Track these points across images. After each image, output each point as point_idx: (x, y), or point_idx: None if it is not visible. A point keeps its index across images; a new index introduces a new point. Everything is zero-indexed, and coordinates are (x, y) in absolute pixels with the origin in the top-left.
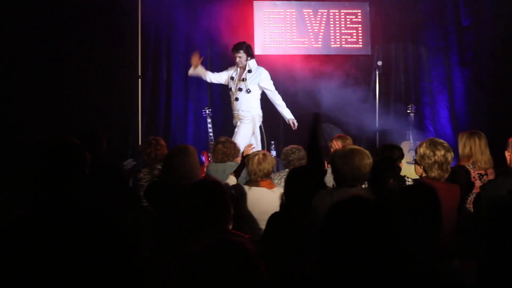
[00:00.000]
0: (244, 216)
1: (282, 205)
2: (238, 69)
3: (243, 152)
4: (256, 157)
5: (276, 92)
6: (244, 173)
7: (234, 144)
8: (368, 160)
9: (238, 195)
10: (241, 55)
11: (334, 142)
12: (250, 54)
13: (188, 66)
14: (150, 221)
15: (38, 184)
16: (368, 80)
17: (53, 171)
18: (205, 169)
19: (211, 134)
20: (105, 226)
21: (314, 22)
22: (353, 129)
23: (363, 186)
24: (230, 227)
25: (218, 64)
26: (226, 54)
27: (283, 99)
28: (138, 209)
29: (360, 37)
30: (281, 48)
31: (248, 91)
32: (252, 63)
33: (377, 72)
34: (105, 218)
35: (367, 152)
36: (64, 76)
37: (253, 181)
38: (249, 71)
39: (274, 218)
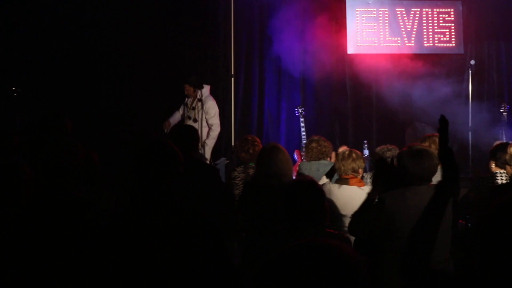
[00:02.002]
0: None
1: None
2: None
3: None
4: (341, 154)
5: (216, 129)
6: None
7: (328, 143)
8: (436, 161)
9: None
10: (187, 88)
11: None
12: (197, 85)
13: (282, 66)
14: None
15: (134, 182)
16: (461, 79)
17: (147, 170)
18: (297, 168)
19: (304, 133)
20: (196, 223)
21: (406, 21)
22: None
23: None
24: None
25: (310, 62)
26: (318, 52)
27: (375, 98)
28: (232, 208)
29: (453, 36)
30: (374, 47)
31: (195, 120)
32: (204, 91)
33: (470, 71)
34: (197, 216)
35: (435, 153)
36: (159, 77)
37: (342, 180)
38: (199, 99)
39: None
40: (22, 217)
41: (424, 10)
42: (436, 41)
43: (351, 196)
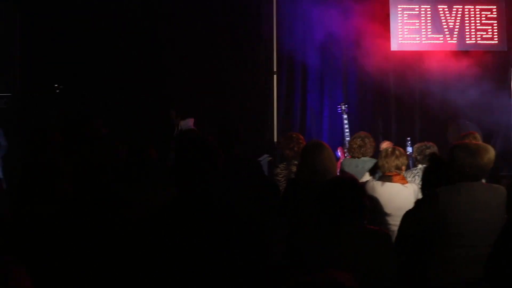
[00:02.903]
0: (376, 212)
1: (417, 202)
2: None
3: (379, 149)
4: (384, 151)
5: None
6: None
7: (371, 140)
8: (493, 156)
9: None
10: (171, 114)
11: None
12: (179, 114)
13: (324, 62)
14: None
15: (174, 177)
16: (504, 77)
17: (186, 167)
18: (340, 165)
19: (347, 130)
20: (235, 221)
21: (449, 18)
22: (488, 125)
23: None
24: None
25: (353, 58)
26: (361, 48)
27: (417, 95)
28: (275, 204)
29: (496, 33)
30: (416, 44)
31: None
32: (183, 124)
33: None
34: (236, 213)
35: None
36: (202, 74)
37: (386, 177)
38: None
39: (408, 215)
40: (58, 214)
41: (466, 7)
42: (479, 38)
43: (394, 193)
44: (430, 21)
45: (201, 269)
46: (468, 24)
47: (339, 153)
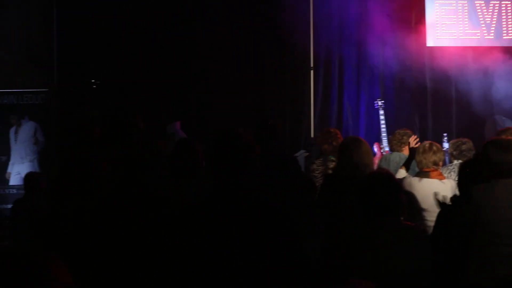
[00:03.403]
0: (413, 208)
1: (453, 198)
2: None
3: (409, 144)
4: (422, 147)
5: None
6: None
7: (409, 135)
8: None
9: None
10: None
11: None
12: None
13: (360, 58)
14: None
15: (210, 173)
16: None
17: (223, 162)
18: (376, 161)
19: (383, 126)
20: (271, 217)
21: (486, 13)
22: None
23: None
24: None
25: (390, 54)
26: (397, 44)
27: (454, 91)
28: (312, 200)
29: None
30: (453, 39)
31: None
32: (168, 128)
33: None
34: (272, 209)
35: None
36: (239, 70)
37: (423, 173)
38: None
39: (444, 212)
40: (96, 209)
41: (503, 2)
42: None
43: (432, 189)
44: (467, 16)
45: (237, 264)
46: (505, 20)
47: (376, 149)
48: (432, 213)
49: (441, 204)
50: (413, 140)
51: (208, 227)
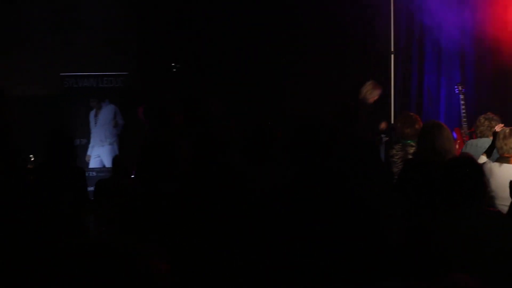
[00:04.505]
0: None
1: None
2: None
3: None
4: (502, 133)
5: None
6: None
7: (496, 121)
8: None
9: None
10: None
11: None
12: None
13: (441, 42)
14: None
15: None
16: None
17: (304, 147)
18: (457, 146)
19: (463, 111)
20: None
21: None
22: None
23: None
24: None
25: (470, 38)
26: (478, 28)
27: None
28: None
29: None
30: None
31: None
32: None
33: None
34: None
35: None
36: (321, 54)
37: (503, 158)
38: None
39: None
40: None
41: None
42: None
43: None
44: None
45: (321, 246)
46: None
47: (456, 134)
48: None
49: None
50: (499, 127)
51: (293, 210)
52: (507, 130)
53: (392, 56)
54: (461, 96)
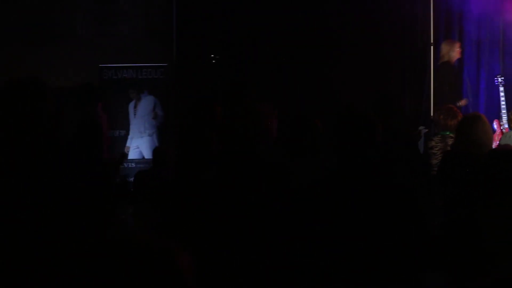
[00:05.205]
0: None
1: None
2: None
3: None
4: None
5: None
6: None
7: None
8: None
9: None
10: None
11: None
12: None
13: (481, 34)
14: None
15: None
16: None
17: (345, 139)
18: (496, 138)
19: (503, 103)
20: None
21: None
22: None
23: None
24: None
25: (510, 31)
26: None
27: None
28: (426, 177)
29: None
30: None
31: None
32: None
33: None
34: (392, 182)
35: None
36: (360, 46)
37: None
38: None
39: None
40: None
41: None
42: None
43: None
44: None
45: (364, 238)
46: None
47: (495, 126)
48: None
49: None
50: None
51: (336, 202)
52: None
53: (432, 48)
54: (501, 88)
